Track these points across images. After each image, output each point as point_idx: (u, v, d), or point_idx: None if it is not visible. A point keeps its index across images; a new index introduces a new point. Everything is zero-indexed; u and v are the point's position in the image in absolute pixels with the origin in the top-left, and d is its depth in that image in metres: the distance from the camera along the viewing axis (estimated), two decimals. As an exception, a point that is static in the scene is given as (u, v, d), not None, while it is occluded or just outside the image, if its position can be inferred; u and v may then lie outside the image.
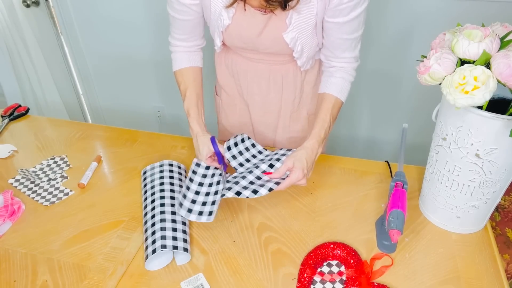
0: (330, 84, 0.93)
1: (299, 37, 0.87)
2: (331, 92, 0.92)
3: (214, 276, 0.77)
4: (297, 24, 0.85)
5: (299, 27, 0.85)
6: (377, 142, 1.87)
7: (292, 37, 0.87)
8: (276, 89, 1.05)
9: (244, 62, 1.02)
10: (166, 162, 0.98)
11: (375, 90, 1.70)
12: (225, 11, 0.86)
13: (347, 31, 0.85)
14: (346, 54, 0.90)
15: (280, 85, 1.04)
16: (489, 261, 0.78)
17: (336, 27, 0.85)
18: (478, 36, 0.67)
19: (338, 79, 0.92)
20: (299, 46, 0.89)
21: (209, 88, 1.93)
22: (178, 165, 0.99)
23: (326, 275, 0.76)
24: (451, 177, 0.78)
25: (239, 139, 0.96)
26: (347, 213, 0.89)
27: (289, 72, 1.01)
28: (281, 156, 0.91)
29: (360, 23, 0.85)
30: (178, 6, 0.90)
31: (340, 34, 0.86)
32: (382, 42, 1.55)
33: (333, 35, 0.87)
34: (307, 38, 0.88)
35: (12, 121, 1.26)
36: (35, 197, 0.96)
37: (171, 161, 0.99)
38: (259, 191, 0.80)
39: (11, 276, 0.78)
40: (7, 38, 1.79)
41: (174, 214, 0.84)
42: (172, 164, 0.98)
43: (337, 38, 0.87)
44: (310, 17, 0.84)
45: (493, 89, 0.62)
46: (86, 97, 2.15)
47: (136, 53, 1.89)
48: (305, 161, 0.84)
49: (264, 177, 0.85)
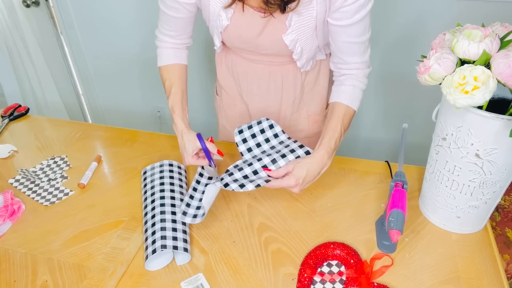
0: (340, 93, 0.90)
1: (298, 39, 0.87)
2: (342, 100, 0.89)
3: (214, 276, 0.77)
4: (297, 26, 0.84)
5: (299, 29, 0.85)
6: (377, 142, 1.87)
7: (292, 39, 0.86)
8: (276, 90, 1.04)
9: (244, 63, 1.02)
10: (166, 162, 0.98)
11: (375, 90, 1.70)
12: (223, 12, 0.86)
13: (353, 34, 0.83)
14: (355, 59, 0.88)
15: (280, 86, 1.04)
16: (489, 261, 0.78)
17: (341, 30, 0.83)
18: (478, 36, 0.67)
19: (348, 87, 0.89)
20: (298, 48, 0.88)
21: (209, 88, 1.94)
22: (178, 165, 0.99)
23: (326, 275, 0.76)
24: (451, 177, 0.78)
25: (254, 122, 0.93)
26: (347, 213, 0.89)
27: (289, 73, 1.01)
28: (292, 152, 0.87)
29: (366, 26, 0.83)
30: (170, 2, 0.89)
31: (346, 37, 0.84)
32: (382, 42, 1.55)
33: (339, 39, 0.85)
34: (307, 40, 0.87)
35: (12, 121, 1.26)
36: (35, 197, 0.96)
37: (171, 161, 0.99)
38: (246, 185, 0.78)
39: (11, 276, 0.78)
40: (7, 38, 1.79)
41: (174, 214, 0.84)
42: (172, 164, 0.98)
43: (344, 42, 0.85)
44: (310, 20, 0.83)
45: (493, 89, 0.62)
46: (86, 97, 2.15)
47: (136, 53, 1.89)
48: (306, 171, 0.80)
49: (261, 172, 0.84)
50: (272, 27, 0.86)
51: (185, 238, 0.81)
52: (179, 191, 0.91)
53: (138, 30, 1.80)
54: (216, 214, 0.90)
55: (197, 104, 1.98)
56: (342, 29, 0.83)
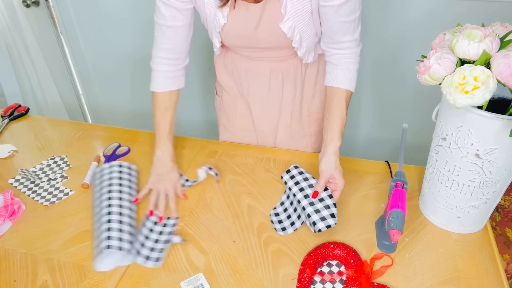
0: (337, 77, 0.90)
1: (296, 26, 0.86)
2: (340, 85, 0.90)
3: (214, 276, 0.77)
4: (293, 13, 0.84)
5: (295, 15, 0.84)
6: (377, 142, 1.87)
7: (290, 26, 0.86)
8: (277, 87, 1.05)
9: (244, 61, 1.02)
10: (115, 164, 0.98)
11: (375, 90, 1.70)
12: (219, 11, 0.86)
13: (344, 13, 0.83)
14: (346, 37, 0.88)
15: (281, 83, 1.04)
16: (489, 261, 0.78)
17: (332, 11, 0.82)
18: (478, 36, 0.67)
19: (344, 70, 0.90)
20: (297, 35, 0.88)
21: (209, 88, 1.93)
22: (128, 166, 1.00)
23: (326, 275, 0.76)
24: (451, 177, 0.78)
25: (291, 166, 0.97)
26: (347, 213, 0.89)
27: (290, 69, 1.01)
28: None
29: (357, 4, 0.83)
30: (166, 11, 0.87)
31: (337, 17, 0.83)
32: (382, 42, 1.55)
33: (330, 19, 0.85)
34: (305, 26, 0.87)
35: (12, 121, 1.26)
36: (35, 197, 0.96)
37: (121, 162, 0.99)
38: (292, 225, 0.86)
39: (11, 276, 0.78)
40: (7, 38, 1.79)
41: (120, 215, 0.85)
42: (121, 165, 0.99)
43: (335, 22, 0.85)
44: (305, 4, 0.83)
45: (493, 89, 0.62)
46: (86, 97, 2.15)
47: (136, 53, 1.89)
48: (339, 165, 0.86)
49: (313, 200, 0.84)
50: (268, 17, 0.86)
51: (130, 240, 0.81)
52: (128, 192, 0.92)
53: (138, 30, 1.80)
54: (216, 214, 0.90)
55: (197, 104, 1.98)
56: (333, 9, 0.82)
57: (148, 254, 0.81)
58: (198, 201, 0.94)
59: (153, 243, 0.83)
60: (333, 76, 0.91)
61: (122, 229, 0.82)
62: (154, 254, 0.80)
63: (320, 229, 0.77)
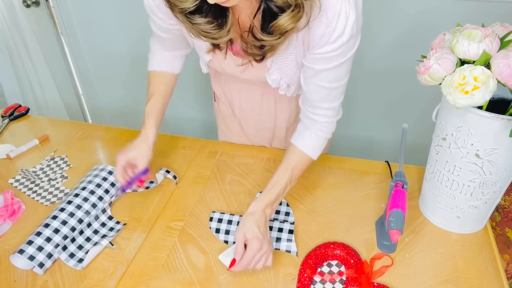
0: (303, 140, 0.83)
1: (282, 77, 0.82)
2: (302, 148, 0.82)
3: (214, 276, 0.77)
4: (278, 67, 0.80)
5: (280, 69, 0.81)
6: (377, 142, 1.87)
7: (275, 79, 0.83)
8: (269, 109, 1.01)
9: (236, 83, 0.99)
10: (109, 168, 0.96)
11: (375, 89, 1.70)
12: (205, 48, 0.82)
13: (325, 79, 0.75)
14: (324, 104, 0.79)
15: (273, 106, 1.00)
16: (489, 261, 0.78)
17: (313, 73, 0.75)
18: (478, 36, 0.67)
19: (312, 134, 0.82)
20: (284, 84, 0.84)
21: (209, 88, 1.93)
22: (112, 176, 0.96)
23: (326, 275, 0.76)
24: (451, 177, 0.78)
25: None
26: (347, 213, 0.89)
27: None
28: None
29: (342, 73, 0.74)
30: (157, 29, 0.86)
31: (316, 80, 0.76)
32: (381, 42, 1.55)
33: (309, 80, 0.77)
34: (292, 76, 0.82)
35: (12, 121, 1.26)
36: (35, 197, 0.96)
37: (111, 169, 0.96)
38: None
39: (11, 276, 0.78)
40: (7, 38, 1.79)
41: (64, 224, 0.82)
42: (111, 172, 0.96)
43: (313, 84, 0.77)
44: (290, 61, 0.79)
45: (493, 89, 0.62)
46: (86, 97, 2.15)
47: (136, 53, 1.89)
48: (257, 227, 0.74)
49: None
50: (253, 68, 0.83)
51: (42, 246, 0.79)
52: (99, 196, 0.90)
53: (138, 30, 1.80)
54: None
55: (197, 104, 1.98)
56: (314, 72, 0.75)
57: (73, 251, 0.79)
58: (198, 201, 0.94)
59: (83, 240, 0.82)
60: (299, 135, 0.84)
61: (51, 238, 0.79)
62: (79, 254, 0.79)
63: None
